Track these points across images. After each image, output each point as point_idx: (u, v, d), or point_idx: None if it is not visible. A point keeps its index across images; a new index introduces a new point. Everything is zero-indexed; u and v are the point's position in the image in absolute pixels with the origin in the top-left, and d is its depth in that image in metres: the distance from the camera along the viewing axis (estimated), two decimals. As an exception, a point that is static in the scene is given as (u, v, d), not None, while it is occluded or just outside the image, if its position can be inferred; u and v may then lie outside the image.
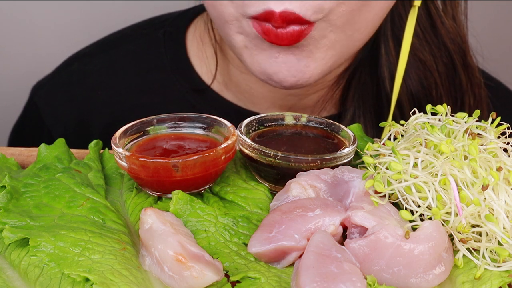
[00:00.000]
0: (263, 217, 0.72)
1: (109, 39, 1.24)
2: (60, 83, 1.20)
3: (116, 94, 1.17)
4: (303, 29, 0.88)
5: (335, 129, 0.84)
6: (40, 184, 0.76)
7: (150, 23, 1.22)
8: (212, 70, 1.13)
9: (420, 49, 1.08)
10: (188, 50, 1.15)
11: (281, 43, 0.89)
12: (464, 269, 0.68)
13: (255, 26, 0.90)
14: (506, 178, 0.71)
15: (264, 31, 0.89)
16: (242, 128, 0.81)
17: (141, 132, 0.80)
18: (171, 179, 0.74)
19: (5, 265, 0.69)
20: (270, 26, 0.88)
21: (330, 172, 0.75)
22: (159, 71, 1.16)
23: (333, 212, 0.70)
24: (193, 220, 0.72)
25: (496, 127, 0.76)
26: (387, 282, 0.65)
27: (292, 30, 0.88)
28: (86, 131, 1.17)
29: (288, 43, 0.89)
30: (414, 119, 0.78)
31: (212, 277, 0.64)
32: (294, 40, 0.89)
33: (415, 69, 1.09)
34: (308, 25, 0.88)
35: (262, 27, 0.89)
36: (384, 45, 1.07)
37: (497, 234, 0.68)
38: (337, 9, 0.89)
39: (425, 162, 0.72)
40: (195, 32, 1.16)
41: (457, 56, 1.10)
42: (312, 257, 0.64)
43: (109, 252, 0.67)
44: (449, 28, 1.08)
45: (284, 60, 0.92)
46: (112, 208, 0.74)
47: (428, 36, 1.09)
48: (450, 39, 1.09)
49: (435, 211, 0.68)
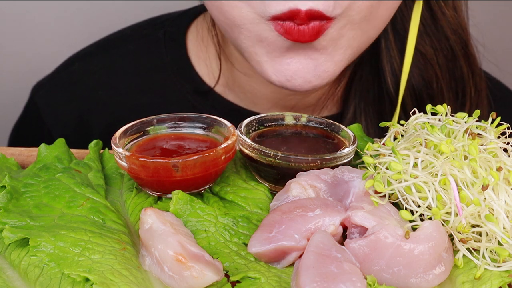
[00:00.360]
0: (263, 217, 0.72)
1: (110, 39, 1.24)
2: (61, 83, 1.20)
3: (117, 94, 1.17)
4: (323, 24, 0.88)
5: (335, 129, 0.84)
6: (40, 184, 0.76)
7: (151, 23, 1.22)
8: (213, 71, 1.13)
9: (420, 42, 1.08)
10: (188, 50, 1.15)
11: (303, 39, 0.88)
12: (464, 269, 0.68)
13: (277, 28, 0.88)
14: (506, 178, 0.71)
15: (287, 31, 0.88)
16: (242, 128, 0.81)
17: (141, 132, 0.80)
18: (171, 179, 0.74)
19: (5, 265, 0.69)
20: (292, 24, 0.87)
21: (330, 172, 0.75)
22: (160, 71, 1.15)
23: (333, 212, 0.70)
24: (193, 220, 0.72)
25: (496, 127, 0.76)
26: (387, 282, 0.65)
27: (313, 25, 0.88)
28: (86, 131, 1.17)
29: (309, 39, 0.88)
30: (414, 119, 0.78)
31: (212, 277, 0.64)
32: (315, 35, 0.88)
33: (416, 62, 1.09)
34: (327, 21, 0.88)
35: (285, 27, 0.88)
36: (384, 39, 1.07)
37: (497, 234, 0.68)
38: (356, 3, 0.88)
39: (425, 162, 0.72)
40: (196, 32, 1.16)
41: (458, 46, 1.10)
42: (312, 257, 0.64)
43: (109, 252, 0.67)
44: (450, 18, 1.08)
45: (298, 67, 0.91)
46: (112, 208, 0.74)
47: (429, 28, 1.09)
48: (451, 30, 1.09)
49: (435, 211, 0.68)
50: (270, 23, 0.89)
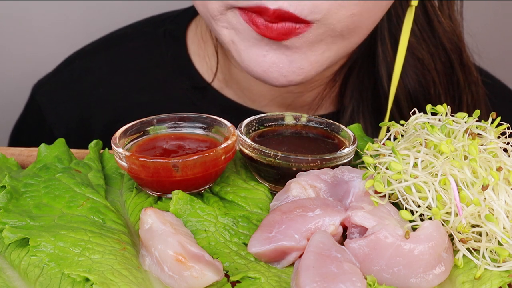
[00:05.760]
0: (263, 217, 0.72)
1: (110, 37, 1.24)
2: (61, 81, 1.20)
3: (117, 92, 1.17)
4: (296, 27, 0.87)
5: (335, 129, 0.84)
6: (40, 184, 0.76)
7: (151, 21, 1.23)
8: (212, 68, 1.13)
9: (417, 48, 1.08)
10: (188, 48, 1.16)
11: (270, 35, 0.87)
12: (464, 269, 0.68)
13: (243, 16, 0.88)
14: (506, 178, 0.71)
15: (253, 22, 0.87)
16: (242, 128, 0.81)
17: (141, 132, 0.80)
18: (171, 179, 0.74)
19: (5, 265, 0.69)
20: (261, 20, 0.86)
21: (330, 172, 0.75)
22: (160, 69, 1.16)
23: (333, 212, 0.70)
24: (193, 220, 0.72)
25: (496, 127, 0.76)
26: (387, 282, 0.65)
27: (282, 25, 0.87)
28: (87, 129, 1.17)
29: (276, 37, 0.87)
30: (414, 119, 0.78)
31: (212, 277, 0.64)
32: (284, 34, 0.87)
33: (413, 68, 1.09)
34: (304, 25, 0.87)
35: (251, 19, 0.87)
36: (381, 45, 1.07)
37: (497, 234, 0.68)
38: (337, 13, 0.87)
39: (425, 162, 0.72)
40: (195, 30, 1.16)
41: (454, 54, 1.10)
42: (312, 257, 0.64)
43: (109, 252, 0.67)
44: (446, 27, 1.08)
45: (274, 60, 0.91)
46: (112, 208, 0.74)
47: (426, 34, 1.09)
48: (447, 38, 1.09)
49: (435, 211, 0.68)
50: (237, 12, 0.88)
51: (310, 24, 0.87)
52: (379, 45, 1.07)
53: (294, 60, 0.91)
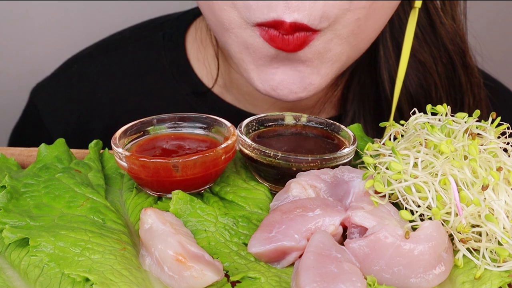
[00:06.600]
0: (263, 217, 0.72)
1: (109, 41, 1.24)
2: (60, 85, 1.20)
3: (116, 96, 1.16)
4: (308, 35, 0.88)
5: (335, 129, 0.84)
6: (40, 184, 0.76)
7: (150, 25, 1.22)
8: (212, 73, 1.12)
9: (419, 50, 1.08)
10: (188, 52, 1.15)
11: (287, 48, 0.88)
12: (464, 269, 0.68)
13: (262, 33, 0.88)
14: (506, 178, 0.71)
15: (271, 38, 0.88)
16: (242, 128, 0.81)
17: (141, 132, 0.80)
18: (171, 179, 0.74)
19: (5, 265, 0.69)
20: (277, 32, 0.87)
21: (330, 172, 0.75)
22: (159, 73, 1.15)
23: (333, 212, 0.70)
24: (193, 220, 0.72)
25: (496, 127, 0.76)
26: (387, 282, 0.65)
27: (298, 35, 0.87)
28: (86, 133, 1.17)
29: (294, 49, 0.88)
30: (414, 119, 0.78)
31: (212, 277, 0.64)
32: (300, 45, 0.88)
33: (415, 70, 1.09)
34: (312, 32, 0.88)
35: (269, 34, 0.88)
36: (383, 48, 1.07)
37: (497, 234, 0.68)
38: (343, 17, 0.88)
39: (425, 162, 0.72)
40: (195, 34, 1.15)
41: (456, 56, 1.09)
42: (312, 257, 0.64)
43: (109, 252, 0.67)
44: (449, 28, 1.08)
45: (283, 78, 0.91)
46: (112, 208, 0.74)
47: (428, 37, 1.08)
48: (449, 40, 1.08)
49: (435, 211, 0.68)
50: (256, 28, 0.89)
51: (317, 31, 0.88)
52: (381, 48, 1.07)
53: (305, 77, 0.92)
